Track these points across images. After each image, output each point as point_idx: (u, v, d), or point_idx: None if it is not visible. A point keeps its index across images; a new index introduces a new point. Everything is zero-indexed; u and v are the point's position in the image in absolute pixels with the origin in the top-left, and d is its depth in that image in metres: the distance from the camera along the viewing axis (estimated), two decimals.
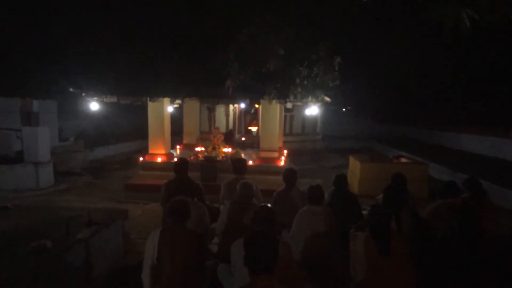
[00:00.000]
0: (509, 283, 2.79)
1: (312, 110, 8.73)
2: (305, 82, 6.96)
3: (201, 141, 10.65)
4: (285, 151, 10.25)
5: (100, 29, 9.11)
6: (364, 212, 4.57)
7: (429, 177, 8.97)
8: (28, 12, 10.03)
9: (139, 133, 15.94)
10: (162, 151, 8.61)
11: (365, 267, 2.86)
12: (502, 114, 14.06)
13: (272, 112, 8.48)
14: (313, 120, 14.37)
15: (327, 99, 8.24)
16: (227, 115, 14.04)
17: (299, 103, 8.37)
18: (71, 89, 8.75)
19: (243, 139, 13.21)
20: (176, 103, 10.43)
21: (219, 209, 4.74)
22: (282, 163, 8.48)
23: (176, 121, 11.25)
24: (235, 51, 6.51)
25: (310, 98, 7.35)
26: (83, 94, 8.49)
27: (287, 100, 7.65)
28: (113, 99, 8.48)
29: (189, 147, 10.22)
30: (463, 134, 15.37)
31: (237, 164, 5.11)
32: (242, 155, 8.60)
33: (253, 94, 7.74)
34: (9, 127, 9.82)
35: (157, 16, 8.47)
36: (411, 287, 2.78)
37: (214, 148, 8.71)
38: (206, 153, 8.69)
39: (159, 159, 8.53)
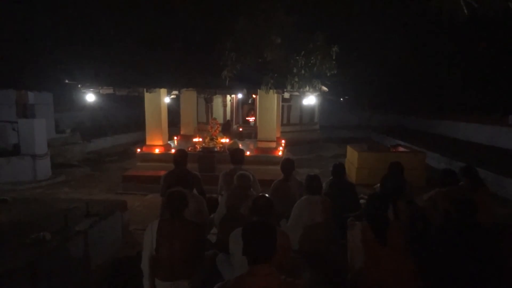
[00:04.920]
0: (504, 271, 2.82)
1: (310, 100, 8.70)
2: (302, 71, 6.91)
3: (199, 132, 10.64)
4: (283, 141, 10.25)
5: (96, 20, 9.00)
6: (362, 201, 4.60)
7: (427, 165, 9.00)
8: (21, 1, 9.87)
9: (136, 124, 15.90)
10: (160, 142, 8.59)
11: (362, 256, 2.88)
12: (500, 102, 14.05)
13: (269, 102, 8.45)
14: (311, 110, 14.35)
15: (325, 88, 8.21)
16: (225, 105, 14.00)
17: (296, 93, 8.33)
18: (66, 81, 8.67)
19: (241, 129, 13.21)
20: (173, 94, 10.38)
21: (218, 199, 4.76)
22: (279, 153, 8.49)
23: (173, 112, 11.21)
24: (232, 41, 6.45)
25: (307, 88, 7.31)
26: (79, 86, 8.42)
27: (284, 90, 7.62)
28: (109, 90, 8.42)
29: (187, 138, 10.20)
30: (460, 123, 15.40)
31: (235, 154, 5.11)
32: (240, 146, 8.60)
33: (250, 84, 7.70)
34: (5, 119, 9.76)
35: (154, 6, 8.36)
36: (408, 275, 2.81)
37: (211, 139, 8.70)
38: (203, 144, 8.68)
39: (156, 150, 8.51)
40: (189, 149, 8.51)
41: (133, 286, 3.25)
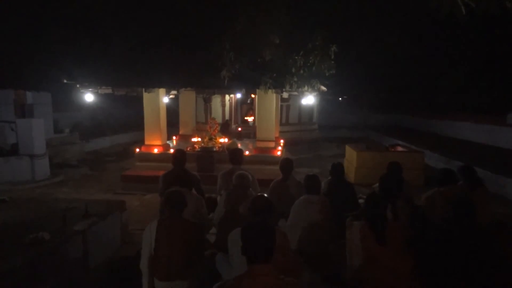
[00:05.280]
0: (503, 270, 2.83)
1: (308, 100, 8.71)
2: (301, 71, 6.93)
3: (198, 131, 10.63)
4: (282, 141, 10.25)
5: (94, 19, 8.98)
6: (361, 201, 4.60)
7: (425, 165, 9.02)
8: (20, 1, 9.85)
9: (135, 124, 15.87)
10: (158, 142, 8.59)
11: (361, 256, 2.89)
12: (497, 102, 14.09)
13: (268, 102, 8.45)
14: (310, 109, 14.37)
15: (323, 88, 8.22)
16: (223, 105, 14.00)
17: (295, 93, 8.34)
18: (65, 81, 8.65)
19: (240, 129, 13.20)
20: (172, 94, 10.37)
21: (217, 199, 4.76)
22: (278, 153, 8.49)
23: (172, 112, 11.20)
24: (231, 41, 6.45)
25: (306, 88, 7.32)
26: (78, 86, 8.41)
27: (283, 89, 7.62)
28: (108, 90, 8.41)
29: (186, 138, 10.20)
30: (458, 122, 15.42)
31: (234, 154, 5.11)
32: (239, 145, 8.60)
33: (249, 84, 7.70)
34: (3, 120, 9.74)
35: (152, 5, 8.35)
36: (407, 275, 2.81)
37: (210, 139, 8.70)
38: (202, 144, 8.67)
39: (155, 150, 8.50)
40: (188, 149, 8.50)
41: (132, 286, 3.25)
